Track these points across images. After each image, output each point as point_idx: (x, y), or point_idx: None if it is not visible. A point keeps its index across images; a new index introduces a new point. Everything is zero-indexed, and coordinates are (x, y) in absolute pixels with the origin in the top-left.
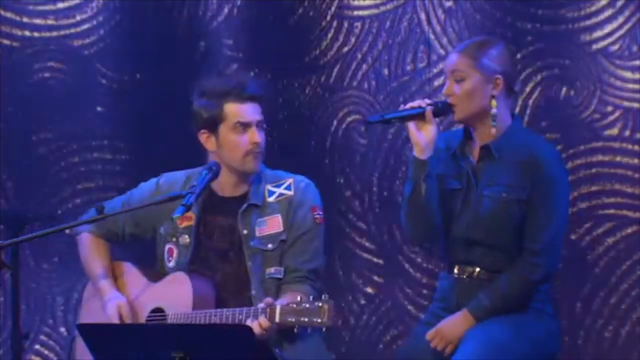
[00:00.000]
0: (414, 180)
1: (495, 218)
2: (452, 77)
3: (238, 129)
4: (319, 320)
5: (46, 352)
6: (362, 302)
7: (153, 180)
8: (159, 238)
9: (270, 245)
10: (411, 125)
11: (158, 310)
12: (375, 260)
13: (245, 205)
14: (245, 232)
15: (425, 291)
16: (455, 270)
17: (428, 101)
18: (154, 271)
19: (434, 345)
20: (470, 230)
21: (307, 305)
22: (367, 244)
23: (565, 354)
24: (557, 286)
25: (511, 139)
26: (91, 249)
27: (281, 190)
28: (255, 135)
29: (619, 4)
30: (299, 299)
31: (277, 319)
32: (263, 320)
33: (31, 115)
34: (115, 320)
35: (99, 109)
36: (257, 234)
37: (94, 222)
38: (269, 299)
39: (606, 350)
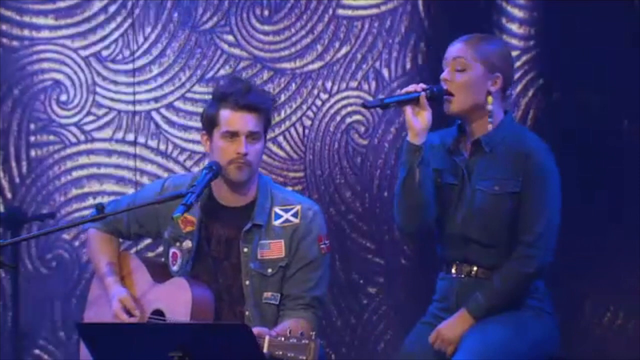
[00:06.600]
0: (408, 165)
1: (488, 212)
2: (452, 65)
3: (227, 137)
4: (304, 358)
5: (45, 356)
6: (363, 302)
7: (159, 182)
8: (164, 242)
9: (270, 270)
10: (408, 110)
11: (158, 312)
12: (376, 260)
13: (249, 225)
14: (245, 250)
15: (425, 290)
16: (453, 270)
17: (423, 86)
18: (160, 268)
19: (437, 347)
20: (465, 227)
21: (295, 341)
22: (367, 244)
23: (566, 354)
24: (558, 286)
25: (502, 133)
26: (98, 244)
27: (288, 216)
28: (241, 146)
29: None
30: (288, 332)
31: (265, 349)
32: None
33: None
34: (122, 315)
35: None
36: (259, 255)
37: (92, 221)
38: (261, 329)
39: (609, 350)
